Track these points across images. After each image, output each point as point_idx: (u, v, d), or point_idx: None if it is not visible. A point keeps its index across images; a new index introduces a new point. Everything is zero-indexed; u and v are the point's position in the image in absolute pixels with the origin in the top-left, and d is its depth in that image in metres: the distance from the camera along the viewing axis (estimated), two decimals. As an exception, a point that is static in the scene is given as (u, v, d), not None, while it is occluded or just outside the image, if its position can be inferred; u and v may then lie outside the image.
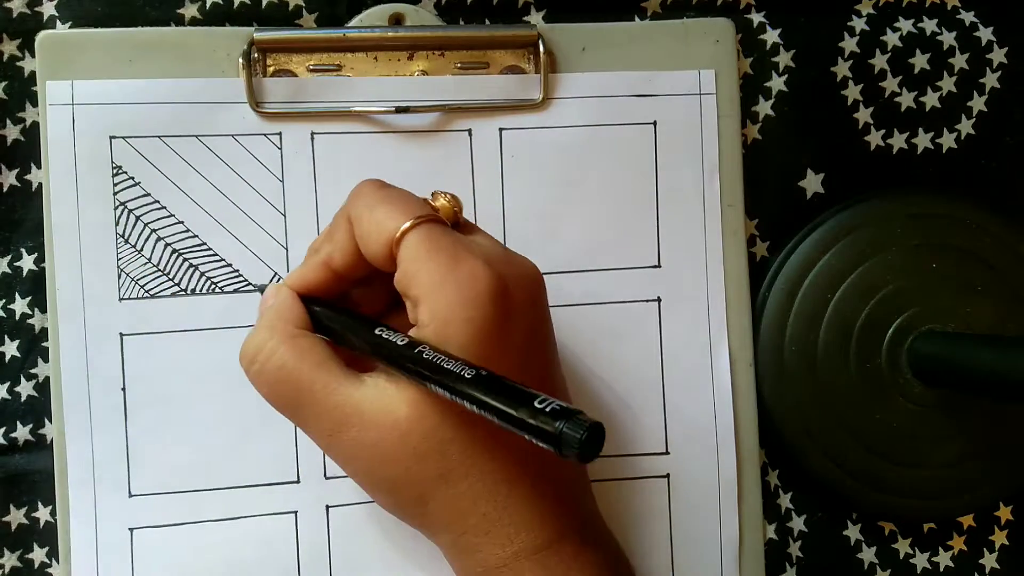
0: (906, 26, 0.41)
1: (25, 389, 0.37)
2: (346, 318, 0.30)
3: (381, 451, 0.28)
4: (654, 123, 0.39)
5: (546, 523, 0.29)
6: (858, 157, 0.41)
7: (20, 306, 0.37)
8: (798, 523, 0.41)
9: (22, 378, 0.37)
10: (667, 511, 0.39)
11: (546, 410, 0.22)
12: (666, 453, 0.39)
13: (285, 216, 0.37)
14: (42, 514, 0.37)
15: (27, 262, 0.37)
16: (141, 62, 0.36)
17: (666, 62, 0.39)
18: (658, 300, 0.39)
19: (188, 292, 0.37)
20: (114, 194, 0.36)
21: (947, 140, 0.42)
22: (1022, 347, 0.34)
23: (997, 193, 0.42)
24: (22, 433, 0.37)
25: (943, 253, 0.40)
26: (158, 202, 0.37)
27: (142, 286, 0.37)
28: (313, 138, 0.37)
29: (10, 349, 0.37)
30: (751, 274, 0.40)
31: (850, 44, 0.41)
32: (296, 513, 0.37)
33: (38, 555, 0.37)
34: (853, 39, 0.41)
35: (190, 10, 0.38)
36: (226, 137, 0.37)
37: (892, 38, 0.41)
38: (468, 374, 0.24)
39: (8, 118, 0.37)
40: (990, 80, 0.42)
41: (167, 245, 0.37)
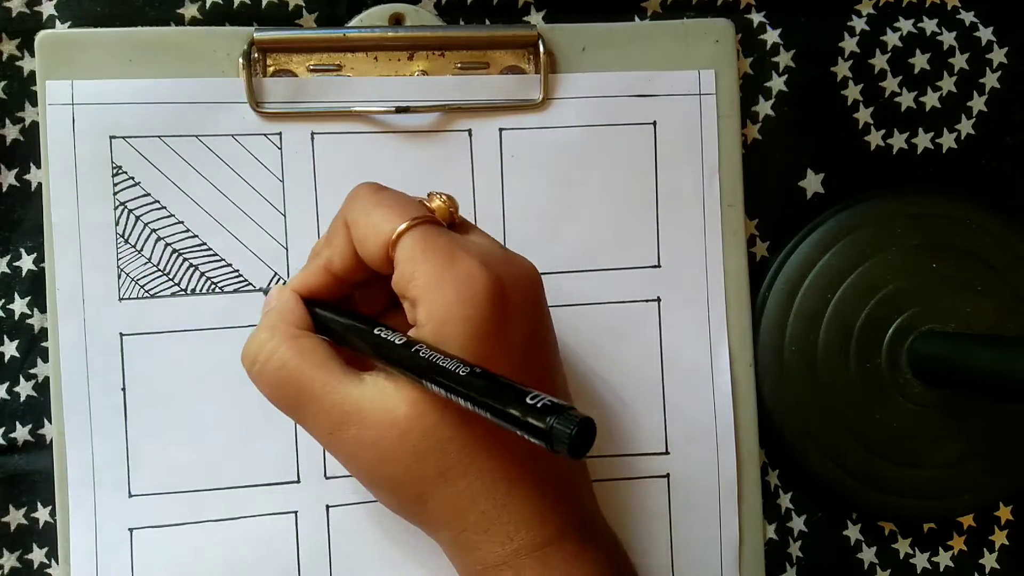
0: (906, 26, 0.41)
1: (25, 389, 0.37)
2: (346, 319, 0.30)
3: (381, 449, 0.28)
4: (654, 123, 0.39)
5: (546, 521, 0.29)
6: (858, 157, 0.41)
7: (19, 306, 0.37)
8: (798, 523, 0.41)
9: (21, 378, 0.37)
10: (667, 511, 0.39)
11: (537, 406, 0.22)
12: (666, 453, 0.39)
13: (285, 216, 0.37)
14: (42, 514, 0.37)
15: (26, 262, 0.37)
16: (141, 62, 0.36)
17: (666, 62, 0.39)
18: (658, 300, 0.39)
19: (188, 292, 0.37)
20: (114, 194, 0.36)
21: (947, 140, 0.42)
22: (1022, 347, 0.34)
23: (997, 193, 0.42)
24: (21, 433, 0.37)
25: (943, 253, 0.40)
26: (158, 202, 0.37)
27: (142, 286, 0.37)
28: (313, 138, 0.37)
29: (9, 349, 0.37)
30: (751, 274, 0.40)
31: (850, 44, 0.41)
32: (296, 513, 0.37)
33: (37, 555, 0.37)
34: (853, 39, 0.41)
35: (190, 10, 0.38)
36: (226, 137, 0.37)
37: (892, 38, 0.41)
38: (463, 371, 0.25)
39: (7, 118, 0.37)
40: (990, 80, 0.42)
41: (167, 245, 0.37)
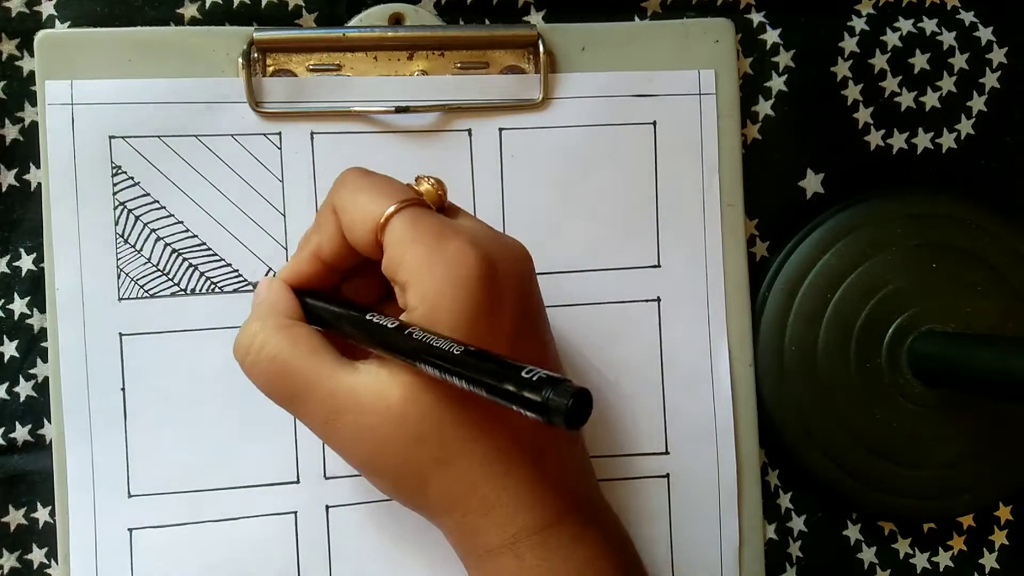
0: (906, 26, 0.41)
1: (24, 389, 0.37)
2: (337, 307, 0.30)
3: (378, 436, 0.28)
4: (654, 123, 0.39)
5: (547, 503, 0.28)
6: (858, 157, 0.41)
7: (19, 306, 0.37)
8: (798, 523, 0.41)
9: (21, 378, 0.37)
10: (667, 511, 0.39)
11: (533, 380, 0.22)
12: (666, 453, 0.39)
13: (285, 216, 0.37)
14: (41, 515, 0.37)
15: (26, 262, 0.37)
16: (141, 62, 0.36)
17: (666, 62, 0.39)
18: (658, 300, 0.39)
19: (188, 292, 0.37)
20: (114, 194, 0.36)
21: (947, 140, 0.42)
22: (1022, 347, 0.34)
23: (997, 193, 0.42)
24: (21, 434, 0.37)
25: (943, 253, 0.40)
26: (158, 202, 0.37)
27: (142, 286, 0.36)
28: (313, 138, 0.37)
29: (9, 349, 0.37)
30: (751, 274, 0.40)
31: (850, 44, 0.41)
32: (296, 513, 0.37)
33: (37, 556, 0.37)
34: (853, 39, 0.41)
35: (190, 10, 0.38)
36: (226, 137, 0.37)
37: (892, 38, 0.41)
38: (456, 351, 0.24)
39: (7, 118, 0.37)
40: (990, 80, 0.42)
41: (167, 245, 0.37)
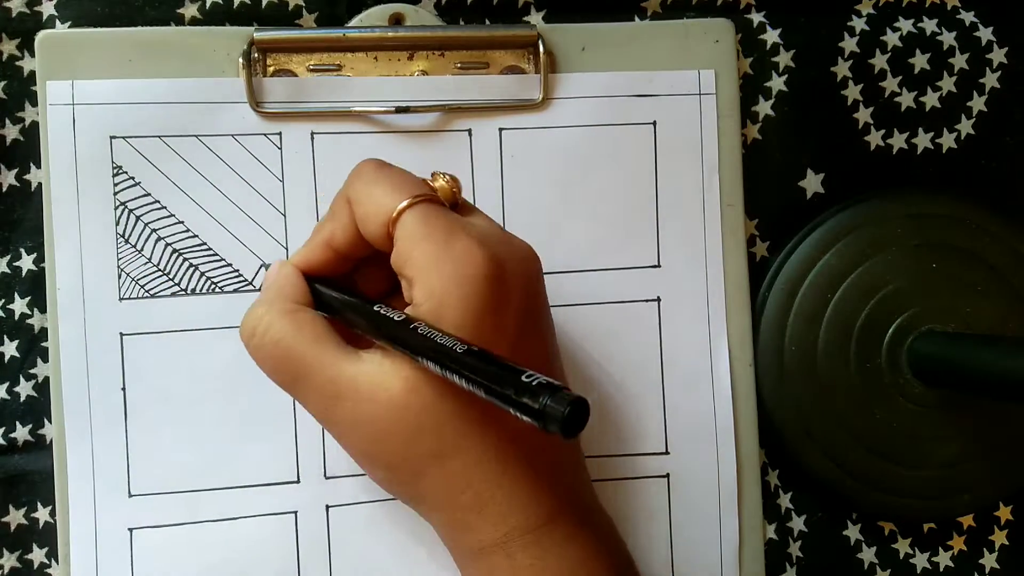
0: (906, 26, 0.41)
1: (24, 389, 0.37)
2: (346, 296, 0.30)
3: (376, 426, 0.28)
4: (654, 123, 0.39)
5: (540, 503, 0.29)
6: (858, 157, 0.41)
7: (19, 306, 0.37)
8: (798, 523, 0.41)
9: (21, 378, 0.37)
10: (667, 511, 0.39)
11: (532, 385, 0.22)
12: (666, 453, 0.39)
13: (285, 216, 0.37)
14: (41, 514, 0.37)
15: (26, 262, 0.37)
16: (141, 62, 0.36)
17: (666, 62, 0.39)
18: (658, 300, 0.39)
19: (188, 292, 0.37)
20: (114, 194, 0.36)
21: (947, 140, 0.42)
22: (1022, 347, 0.34)
23: (997, 193, 0.42)
24: (21, 433, 0.37)
25: (943, 253, 0.40)
26: (158, 202, 0.37)
27: (142, 286, 0.37)
28: (313, 138, 0.37)
29: (9, 349, 0.37)
30: (751, 274, 0.40)
31: (850, 44, 0.41)
32: (296, 513, 0.37)
33: (37, 555, 0.37)
34: (853, 39, 0.41)
35: (190, 10, 0.38)
36: (226, 137, 0.37)
37: (892, 38, 0.41)
38: (459, 349, 0.24)
39: (7, 118, 0.37)
40: (990, 80, 0.42)
41: (167, 245, 0.37)
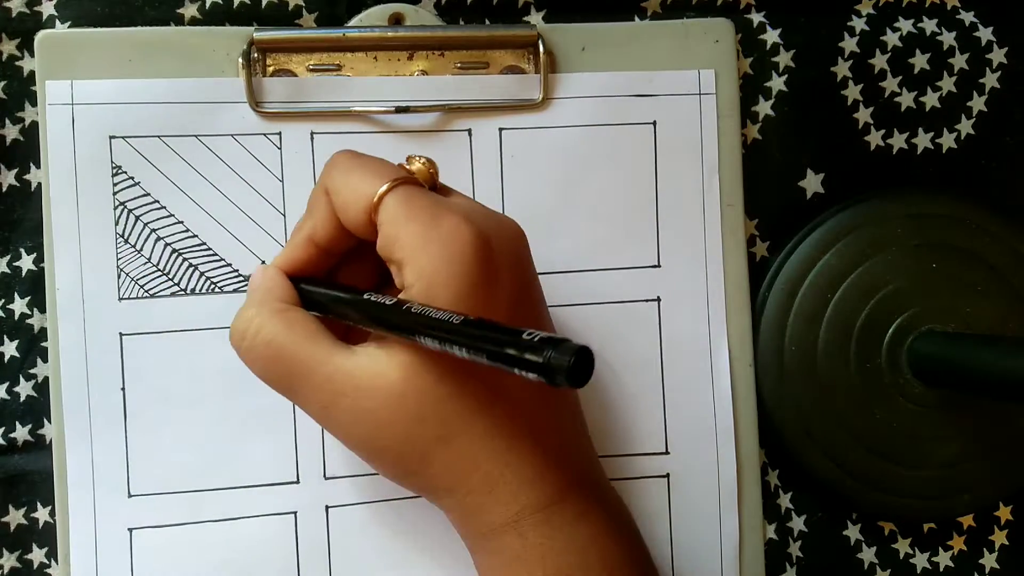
0: (906, 26, 0.41)
1: (24, 389, 0.37)
2: (334, 290, 0.30)
3: (378, 418, 0.27)
4: (654, 123, 0.39)
5: (548, 480, 0.28)
6: (858, 157, 0.41)
7: (19, 306, 0.37)
8: (798, 523, 0.41)
9: (21, 378, 0.37)
10: (667, 511, 0.39)
11: (534, 341, 0.22)
12: (666, 453, 0.39)
13: (285, 216, 0.37)
14: (41, 514, 0.37)
15: (26, 262, 0.37)
16: (141, 62, 0.36)
17: (666, 62, 0.39)
18: (658, 300, 0.39)
19: (188, 292, 0.37)
20: (114, 194, 0.36)
21: (947, 140, 0.42)
22: (1022, 347, 0.34)
23: (997, 193, 0.42)
24: (21, 433, 0.37)
25: (943, 253, 0.40)
26: (158, 202, 0.37)
27: (142, 286, 0.37)
28: (313, 138, 0.37)
29: (9, 349, 0.37)
30: (751, 274, 0.40)
31: (850, 44, 0.41)
32: (296, 513, 0.37)
33: (37, 555, 0.37)
34: (853, 39, 0.41)
35: (190, 10, 0.38)
36: (226, 137, 0.37)
37: (892, 38, 0.41)
38: (456, 320, 0.24)
39: (7, 118, 0.37)
40: (990, 80, 0.42)
41: (167, 245, 0.37)
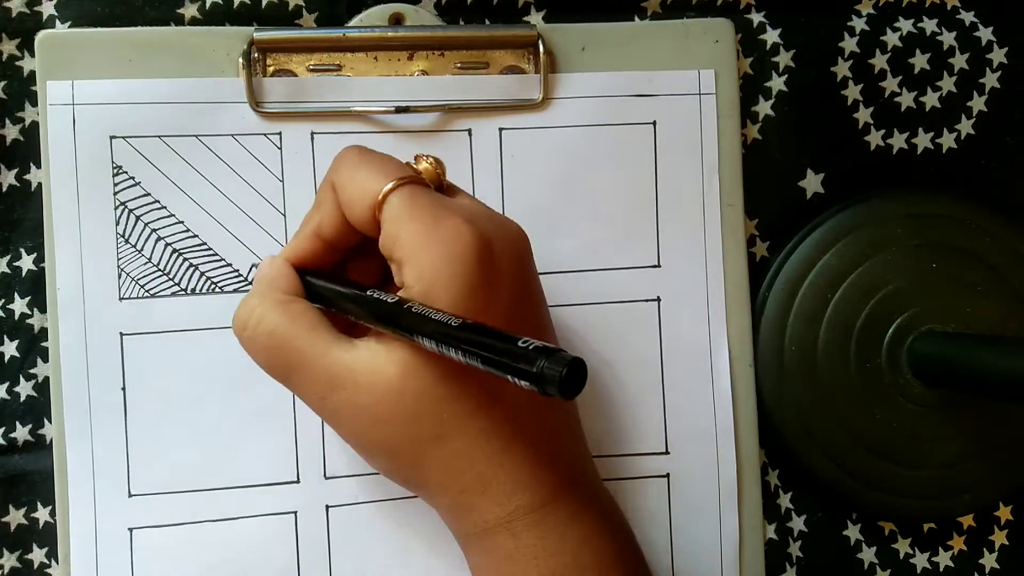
0: (906, 26, 0.41)
1: (25, 389, 0.37)
2: (337, 284, 0.30)
3: (374, 413, 0.28)
4: (654, 123, 0.39)
5: (542, 481, 0.29)
6: (858, 157, 0.41)
7: (19, 306, 0.37)
8: (798, 523, 0.41)
9: (21, 378, 0.37)
10: (667, 511, 0.39)
11: (528, 350, 0.22)
12: (666, 453, 0.39)
13: (285, 216, 0.37)
14: (41, 514, 0.37)
15: (26, 262, 0.37)
16: (141, 62, 0.36)
17: (666, 62, 0.39)
18: (658, 300, 0.39)
19: (188, 292, 0.37)
20: (114, 194, 0.36)
21: (947, 140, 0.42)
22: (1022, 347, 0.34)
23: (997, 193, 0.42)
24: (21, 433, 0.37)
25: (943, 253, 0.40)
26: (158, 202, 0.37)
27: (142, 286, 0.37)
28: (313, 138, 0.37)
29: (9, 349, 0.37)
30: (751, 274, 0.40)
31: (850, 44, 0.41)
32: (296, 513, 0.37)
33: (37, 555, 0.37)
34: (853, 39, 0.41)
35: (190, 10, 0.38)
36: (226, 137, 0.37)
37: (892, 38, 0.41)
38: (454, 323, 0.25)
39: (7, 118, 0.37)
40: (990, 80, 0.42)
41: (167, 245, 0.37)
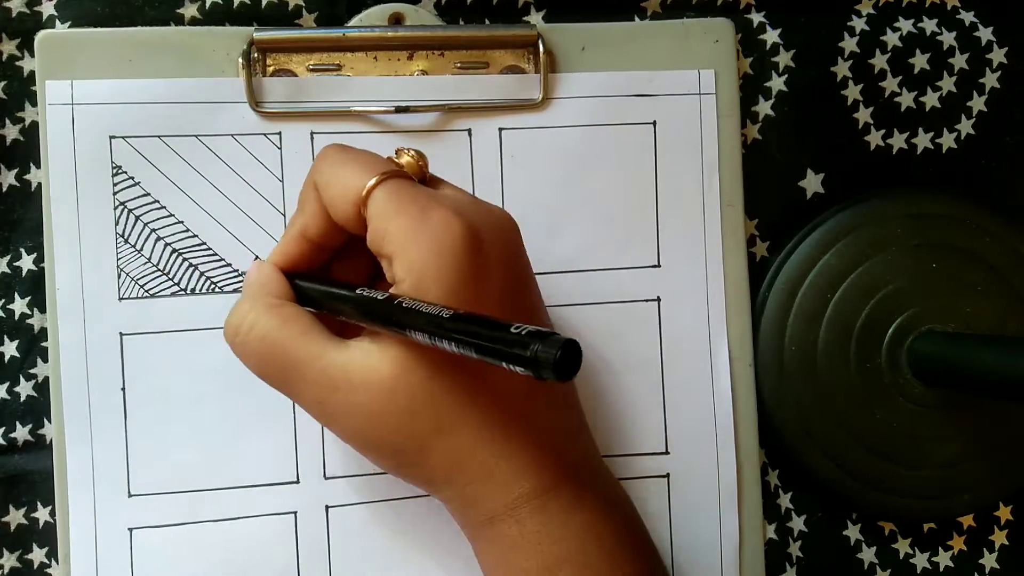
0: (906, 26, 0.41)
1: (24, 389, 0.37)
2: (326, 285, 0.30)
3: (371, 411, 0.28)
4: (654, 123, 0.39)
5: (544, 468, 0.29)
6: (858, 157, 0.41)
7: (19, 306, 0.37)
8: (798, 523, 0.41)
9: (21, 378, 0.37)
10: (667, 511, 0.39)
11: (521, 335, 0.22)
12: (666, 453, 0.39)
13: (285, 216, 0.37)
14: (41, 514, 0.37)
15: (26, 262, 0.37)
16: (141, 62, 0.36)
17: (666, 62, 0.39)
18: (658, 300, 0.39)
19: (188, 292, 0.37)
20: (114, 194, 0.36)
21: (947, 140, 0.42)
22: (1022, 347, 0.34)
23: (997, 193, 0.42)
24: (21, 433, 0.37)
25: (943, 253, 0.40)
26: (158, 202, 0.37)
27: (142, 286, 0.37)
28: (313, 138, 0.37)
29: (9, 349, 0.37)
30: (751, 274, 0.40)
31: (850, 44, 0.41)
32: (296, 513, 0.37)
33: (37, 555, 0.37)
34: (853, 39, 0.41)
35: (190, 10, 0.38)
36: (226, 137, 0.37)
37: (892, 38, 0.41)
38: (445, 314, 0.25)
39: (7, 118, 0.37)
40: (990, 80, 0.42)
41: (167, 245, 0.37)
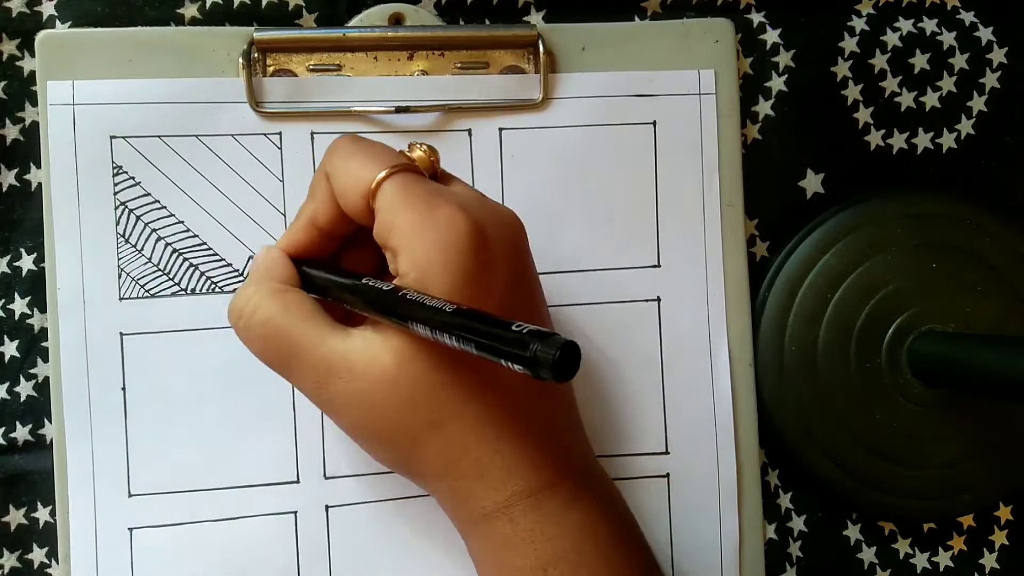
0: (906, 26, 0.41)
1: (25, 389, 0.37)
2: (333, 273, 0.30)
3: (370, 401, 0.28)
4: (654, 123, 0.39)
5: (539, 467, 0.29)
6: (858, 157, 0.41)
7: (20, 306, 0.37)
8: (798, 523, 0.41)
9: (22, 378, 0.37)
10: (667, 511, 0.39)
11: (522, 334, 0.22)
12: (666, 453, 0.39)
13: (285, 216, 0.37)
14: (41, 514, 0.37)
15: (27, 262, 0.37)
16: (141, 62, 0.36)
17: (666, 62, 0.39)
18: (658, 300, 0.39)
19: (188, 292, 0.37)
20: (114, 194, 0.36)
21: (947, 140, 0.42)
22: (1022, 347, 0.34)
23: (997, 193, 0.42)
24: (22, 433, 0.37)
25: (943, 253, 0.40)
26: (158, 202, 0.37)
27: (142, 286, 0.37)
28: (313, 138, 0.37)
29: (9, 349, 0.37)
30: (751, 274, 0.40)
31: (850, 44, 0.41)
32: (296, 513, 0.37)
33: (37, 555, 0.37)
34: (853, 39, 0.41)
35: (190, 10, 0.38)
36: (226, 137, 0.37)
37: (892, 38, 0.41)
38: (448, 309, 0.25)
39: (7, 118, 0.37)
40: (990, 80, 0.42)
41: (167, 245, 0.37)
